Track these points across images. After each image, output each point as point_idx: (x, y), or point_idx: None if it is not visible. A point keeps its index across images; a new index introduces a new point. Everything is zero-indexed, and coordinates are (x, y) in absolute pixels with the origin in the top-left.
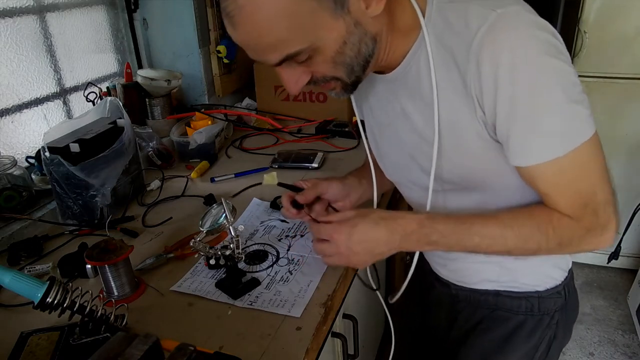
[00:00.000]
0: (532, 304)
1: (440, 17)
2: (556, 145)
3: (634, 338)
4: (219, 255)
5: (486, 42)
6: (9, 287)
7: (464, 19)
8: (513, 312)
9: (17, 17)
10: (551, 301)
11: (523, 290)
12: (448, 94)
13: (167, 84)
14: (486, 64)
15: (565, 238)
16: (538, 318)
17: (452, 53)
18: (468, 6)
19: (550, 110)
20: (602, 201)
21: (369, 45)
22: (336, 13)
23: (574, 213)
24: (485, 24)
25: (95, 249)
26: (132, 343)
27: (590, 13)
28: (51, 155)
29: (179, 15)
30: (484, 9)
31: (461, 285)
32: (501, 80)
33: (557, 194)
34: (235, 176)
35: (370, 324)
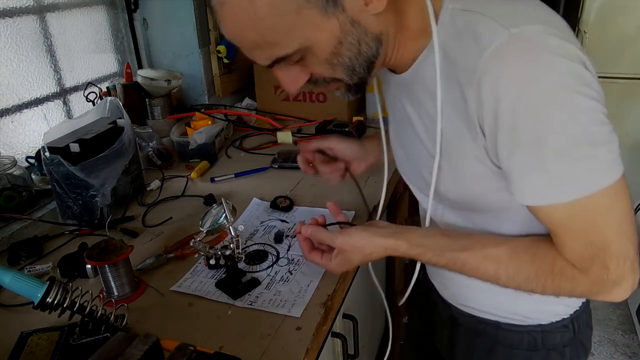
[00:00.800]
0: (535, 339)
1: (452, 25)
2: (566, 191)
3: (634, 338)
4: (219, 255)
5: (490, 68)
6: (9, 287)
7: (473, 32)
8: (515, 348)
9: (17, 17)
10: (557, 335)
11: (525, 324)
12: (449, 110)
13: (167, 84)
14: (488, 94)
15: (565, 290)
16: (544, 354)
17: (456, 68)
18: (481, 18)
19: (557, 154)
20: (617, 255)
21: (371, 46)
22: (327, 11)
23: (580, 263)
24: (493, 44)
25: (95, 249)
26: (132, 343)
27: (590, 13)
28: (51, 155)
29: (179, 15)
30: (497, 25)
31: (461, 308)
32: (502, 116)
33: (563, 240)
34: (235, 176)
35: (370, 324)
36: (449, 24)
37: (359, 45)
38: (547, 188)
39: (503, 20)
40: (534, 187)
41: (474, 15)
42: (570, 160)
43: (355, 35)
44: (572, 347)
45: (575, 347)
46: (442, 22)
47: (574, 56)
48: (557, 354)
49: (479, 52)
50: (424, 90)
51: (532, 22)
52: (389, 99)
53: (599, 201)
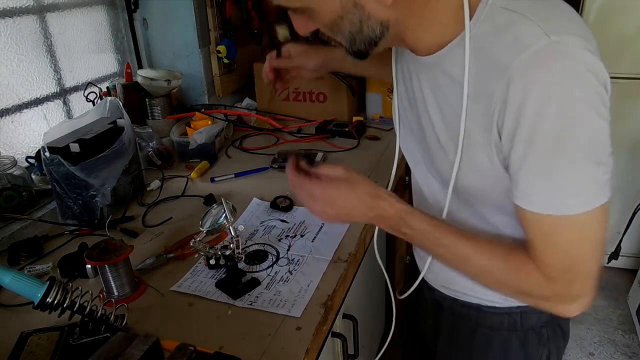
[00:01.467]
0: (515, 320)
1: (490, 21)
2: (566, 204)
3: (634, 338)
4: (219, 255)
5: (524, 69)
6: (9, 287)
7: (512, 32)
8: (495, 329)
9: (17, 17)
10: (534, 316)
11: (505, 306)
12: (471, 104)
13: (167, 84)
14: (516, 93)
15: (524, 290)
16: (522, 334)
17: (489, 64)
18: (523, 19)
19: (569, 167)
20: (584, 272)
21: (375, 30)
22: None
23: (550, 273)
24: (532, 47)
25: (95, 249)
26: (132, 343)
27: (590, 13)
28: (51, 155)
29: (179, 15)
30: (538, 29)
31: (444, 292)
32: (525, 118)
33: (543, 247)
34: (235, 176)
35: (370, 324)
36: (487, 19)
37: (361, 25)
38: (553, 198)
39: (545, 26)
40: (539, 194)
41: (516, 15)
42: (581, 176)
43: (356, 16)
44: (548, 327)
45: (552, 328)
46: (478, 16)
47: (602, 77)
48: (534, 334)
49: (516, 52)
50: (449, 78)
51: (572, 33)
52: (403, 72)
53: (589, 219)
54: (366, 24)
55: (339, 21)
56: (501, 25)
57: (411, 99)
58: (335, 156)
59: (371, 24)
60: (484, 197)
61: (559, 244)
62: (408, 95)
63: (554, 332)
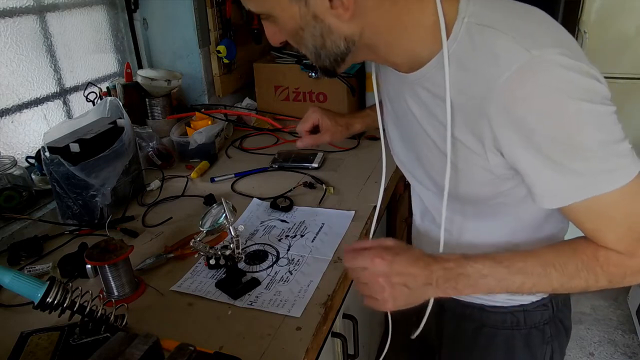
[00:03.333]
0: (518, 318)
1: (468, 38)
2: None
3: (634, 338)
4: (219, 255)
5: (512, 88)
6: (9, 287)
7: (492, 51)
8: (499, 328)
9: (17, 17)
10: (537, 314)
11: (508, 305)
12: (461, 119)
13: (167, 84)
14: (509, 113)
15: (617, 276)
16: (525, 332)
17: (473, 81)
18: (500, 35)
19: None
20: None
21: (339, 45)
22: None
23: (625, 248)
24: (514, 65)
25: (95, 249)
26: (132, 343)
27: (590, 13)
28: (51, 155)
29: (179, 15)
30: (517, 46)
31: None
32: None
33: (605, 227)
34: (235, 176)
35: (370, 324)
36: (464, 36)
37: (323, 39)
38: (585, 186)
39: (523, 41)
40: (570, 189)
41: (493, 32)
42: (604, 158)
43: (318, 29)
44: (551, 324)
45: (554, 324)
46: (455, 34)
47: (590, 74)
48: (537, 332)
49: (499, 72)
50: (433, 95)
51: (550, 45)
52: (387, 89)
53: (634, 187)
54: (329, 38)
55: (300, 32)
56: (479, 43)
57: (400, 116)
58: (335, 156)
59: (334, 38)
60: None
61: (618, 220)
62: (396, 112)
63: (557, 328)
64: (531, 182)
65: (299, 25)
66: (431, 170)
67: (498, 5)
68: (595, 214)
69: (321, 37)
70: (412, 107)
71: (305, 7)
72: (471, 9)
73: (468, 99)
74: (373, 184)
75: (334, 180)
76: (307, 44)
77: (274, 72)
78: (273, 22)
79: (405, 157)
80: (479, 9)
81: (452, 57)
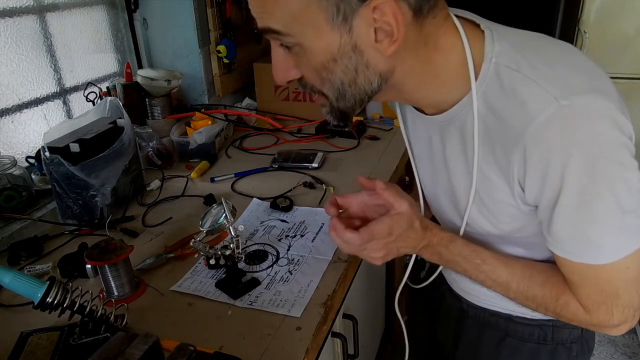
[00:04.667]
0: (546, 333)
1: (497, 80)
2: (598, 255)
3: (634, 338)
4: (219, 255)
5: (539, 138)
6: (9, 287)
7: (520, 97)
8: (525, 340)
9: (17, 17)
10: (566, 331)
11: (537, 317)
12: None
13: (167, 84)
14: (535, 161)
15: (564, 318)
16: (552, 348)
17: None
18: (528, 82)
19: (600, 221)
20: (624, 304)
21: (372, 81)
22: (334, 23)
23: (587, 305)
24: (542, 115)
25: (95, 249)
26: (132, 343)
27: (590, 13)
28: (51, 155)
29: (179, 15)
30: (546, 94)
31: (471, 301)
32: (548, 184)
33: (579, 283)
34: (235, 176)
35: (370, 324)
36: (493, 77)
37: (356, 74)
38: (585, 249)
39: (552, 89)
40: (572, 244)
41: (520, 76)
42: (611, 229)
43: (353, 61)
44: (578, 344)
45: (581, 344)
46: (484, 76)
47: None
48: (564, 349)
49: (527, 120)
50: (462, 133)
51: (581, 92)
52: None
53: (625, 262)
54: (363, 73)
55: (332, 64)
56: (507, 87)
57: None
58: (335, 156)
59: (368, 74)
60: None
61: (595, 283)
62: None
63: (583, 349)
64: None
65: (333, 56)
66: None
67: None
68: (579, 271)
69: (354, 72)
70: (440, 147)
71: (348, 35)
72: (497, 49)
73: (497, 140)
74: None
75: (334, 180)
76: (335, 79)
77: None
78: (294, 53)
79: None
80: (506, 49)
81: (481, 97)
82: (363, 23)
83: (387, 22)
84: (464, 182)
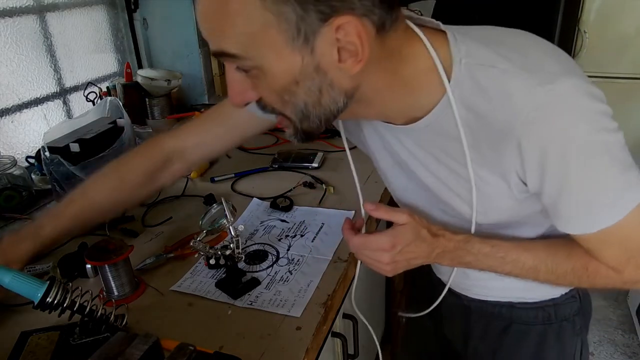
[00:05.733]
0: (549, 313)
1: (470, 79)
2: (608, 217)
3: (634, 338)
4: (219, 255)
5: (531, 128)
6: (9, 287)
7: (502, 89)
8: (530, 324)
9: (17, 17)
10: (567, 307)
11: (538, 300)
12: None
13: (167, 84)
14: (531, 150)
15: (599, 284)
16: (557, 326)
17: (485, 123)
18: (508, 74)
19: (605, 186)
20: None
21: (337, 101)
22: (294, 44)
23: (616, 265)
24: (531, 104)
25: (95, 248)
26: (132, 343)
27: (590, 13)
28: (51, 155)
29: (179, 15)
30: (528, 83)
31: (472, 296)
32: (550, 167)
33: (600, 250)
34: (235, 176)
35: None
36: (466, 78)
37: (320, 95)
38: (599, 216)
39: (532, 77)
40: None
41: (498, 72)
42: (615, 189)
43: (316, 82)
44: (580, 315)
45: (582, 315)
46: (456, 78)
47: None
48: (569, 324)
49: (516, 112)
50: (443, 136)
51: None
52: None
53: (632, 216)
54: (327, 93)
55: (294, 87)
56: (485, 85)
57: (401, 162)
58: (335, 156)
59: (333, 94)
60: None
61: (615, 244)
62: (394, 159)
63: (584, 319)
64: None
65: (294, 79)
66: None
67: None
68: (597, 239)
69: (318, 93)
70: (416, 152)
71: (310, 56)
72: (464, 49)
73: (483, 139)
74: (373, 184)
75: (334, 180)
76: (298, 102)
77: None
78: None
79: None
80: (471, 48)
81: (459, 99)
82: (325, 43)
83: (351, 42)
84: (453, 183)
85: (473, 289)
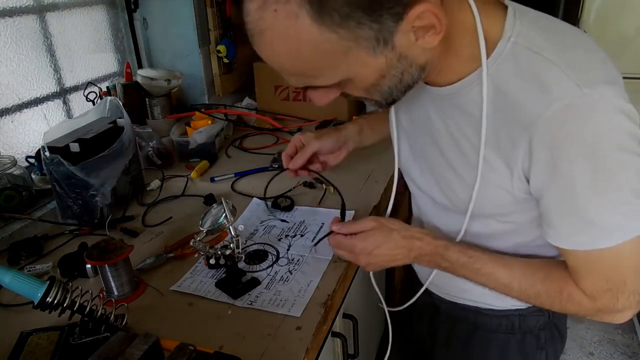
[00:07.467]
0: (513, 322)
1: (513, 60)
2: (607, 238)
3: (634, 338)
4: (219, 255)
5: (555, 124)
6: (9, 287)
7: (540, 80)
8: (493, 331)
9: (17, 17)
10: (533, 319)
11: (504, 308)
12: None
13: (167, 84)
14: (546, 145)
15: (570, 310)
16: (520, 337)
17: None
18: (550, 66)
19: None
20: (630, 289)
21: (413, 75)
22: (376, 51)
23: (592, 293)
24: (563, 100)
25: (95, 248)
26: (132, 343)
27: (590, 13)
28: (51, 155)
29: (179, 15)
30: (568, 80)
31: (443, 296)
32: (559, 173)
33: (584, 273)
34: (235, 176)
35: (370, 324)
36: (509, 56)
37: (402, 76)
38: (593, 237)
39: (574, 75)
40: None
41: (541, 59)
42: (623, 214)
43: (400, 68)
44: (546, 330)
45: (550, 330)
46: (499, 54)
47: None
48: (532, 337)
49: (547, 103)
50: (463, 111)
51: (601, 82)
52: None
53: (629, 246)
54: (407, 72)
55: (380, 80)
56: (525, 69)
57: (416, 125)
58: None
59: (412, 71)
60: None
61: (600, 270)
62: (413, 121)
63: (552, 334)
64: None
65: (381, 73)
66: (441, 182)
67: (546, 27)
68: (585, 259)
69: (400, 75)
70: (435, 120)
71: (392, 52)
72: (518, 28)
73: (503, 123)
74: (373, 184)
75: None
76: (384, 88)
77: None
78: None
79: (412, 168)
80: (527, 30)
81: (491, 76)
82: (403, 35)
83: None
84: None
85: (446, 288)
